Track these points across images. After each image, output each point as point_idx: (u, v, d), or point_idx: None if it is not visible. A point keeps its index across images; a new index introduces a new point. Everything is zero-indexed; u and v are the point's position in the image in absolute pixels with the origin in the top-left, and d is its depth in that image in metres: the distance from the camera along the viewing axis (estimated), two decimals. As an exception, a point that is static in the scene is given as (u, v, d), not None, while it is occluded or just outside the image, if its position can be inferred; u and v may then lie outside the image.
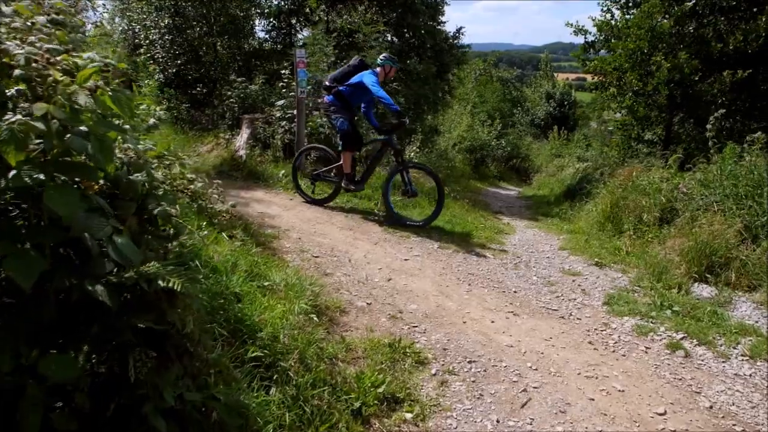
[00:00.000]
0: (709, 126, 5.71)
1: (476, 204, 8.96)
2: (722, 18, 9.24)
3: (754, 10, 8.88)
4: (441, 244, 5.07)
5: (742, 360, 3.08)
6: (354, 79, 5.63)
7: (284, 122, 8.06)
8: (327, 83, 5.81)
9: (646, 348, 3.16)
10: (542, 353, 3.00)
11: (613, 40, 10.09)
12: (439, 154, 11.90)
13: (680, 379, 2.83)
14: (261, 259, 3.06)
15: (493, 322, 3.39)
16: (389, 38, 11.63)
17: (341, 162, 5.80)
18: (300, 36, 12.42)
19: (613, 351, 3.11)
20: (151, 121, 3.14)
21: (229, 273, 2.56)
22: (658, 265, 4.55)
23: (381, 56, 5.83)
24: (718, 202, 4.96)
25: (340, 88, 5.68)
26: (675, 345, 3.17)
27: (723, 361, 3.05)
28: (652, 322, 3.51)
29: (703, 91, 8.98)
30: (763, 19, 8.61)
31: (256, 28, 13.06)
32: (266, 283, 2.79)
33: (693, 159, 7.18)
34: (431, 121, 14.90)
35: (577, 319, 3.55)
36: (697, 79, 8.93)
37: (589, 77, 12.16)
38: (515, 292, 4.00)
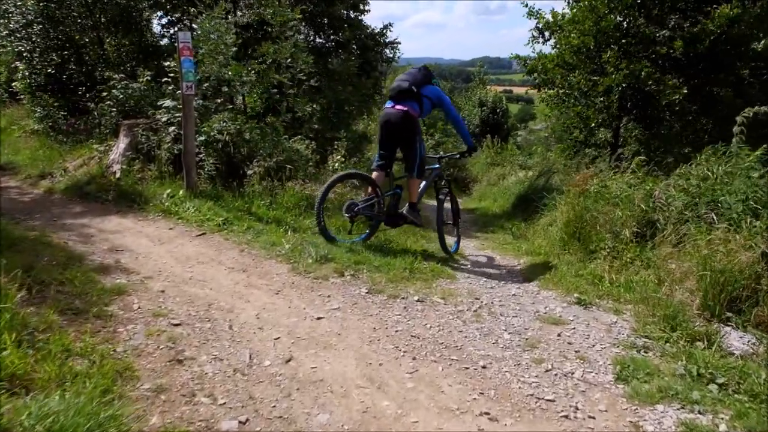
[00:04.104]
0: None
1: (415, 221, 7.62)
2: (673, 16, 8.57)
3: (707, 9, 8.26)
4: (371, 286, 3.61)
5: None
6: (433, 93, 4.67)
7: (172, 128, 6.34)
8: (411, 87, 4.44)
9: (718, 477, 1.86)
10: None
11: (558, 35, 9.24)
12: (369, 165, 10.53)
13: None
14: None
15: (458, 443, 1.97)
16: (307, 32, 10.16)
17: (409, 190, 4.83)
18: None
19: (670, 492, 1.79)
20: None
21: None
22: (662, 303, 3.37)
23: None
24: (727, 217, 3.88)
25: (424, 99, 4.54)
26: (762, 467, 1.90)
27: None
28: (700, 413, 2.23)
29: (655, 93, 8.25)
30: (708, 22, 7.99)
31: (153, 21, 11.14)
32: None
33: (653, 163, 6.34)
34: (363, 125, 13.57)
35: (590, 417, 2.21)
36: (650, 82, 8.19)
37: (517, 89, 11.50)
38: (484, 367, 2.61)
